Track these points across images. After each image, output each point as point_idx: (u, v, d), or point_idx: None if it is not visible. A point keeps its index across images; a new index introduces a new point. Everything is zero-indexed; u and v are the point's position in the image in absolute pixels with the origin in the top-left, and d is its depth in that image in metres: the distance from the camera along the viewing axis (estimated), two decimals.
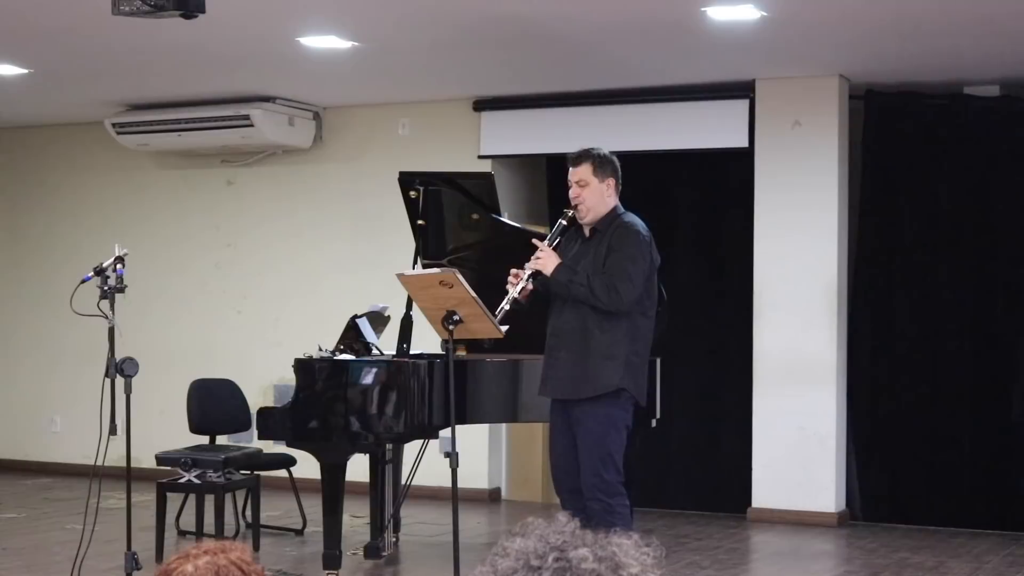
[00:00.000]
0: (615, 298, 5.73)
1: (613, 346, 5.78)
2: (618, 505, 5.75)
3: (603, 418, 5.78)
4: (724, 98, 8.95)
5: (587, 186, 5.89)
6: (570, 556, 1.57)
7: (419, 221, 7.08)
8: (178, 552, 2.00)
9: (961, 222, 8.87)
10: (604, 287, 5.73)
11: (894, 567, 7.40)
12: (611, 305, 5.74)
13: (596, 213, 5.90)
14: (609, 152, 6.02)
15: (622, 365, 5.79)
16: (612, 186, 5.93)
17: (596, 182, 5.89)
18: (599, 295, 5.73)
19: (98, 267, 6.14)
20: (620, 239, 5.83)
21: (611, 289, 5.73)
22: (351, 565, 7.12)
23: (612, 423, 5.80)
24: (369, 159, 9.94)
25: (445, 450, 6.31)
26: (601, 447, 5.77)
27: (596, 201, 5.89)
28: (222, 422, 8.17)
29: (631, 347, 5.83)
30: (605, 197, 5.90)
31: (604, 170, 5.92)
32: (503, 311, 5.82)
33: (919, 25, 7.28)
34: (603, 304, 5.74)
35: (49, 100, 9.97)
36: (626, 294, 5.73)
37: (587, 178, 5.89)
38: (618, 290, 5.72)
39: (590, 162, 5.92)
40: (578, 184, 5.90)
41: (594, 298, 5.75)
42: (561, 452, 5.91)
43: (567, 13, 7.12)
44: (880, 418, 9.05)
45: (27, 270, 11.19)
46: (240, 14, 7.11)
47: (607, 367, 5.77)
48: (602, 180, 5.90)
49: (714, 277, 9.54)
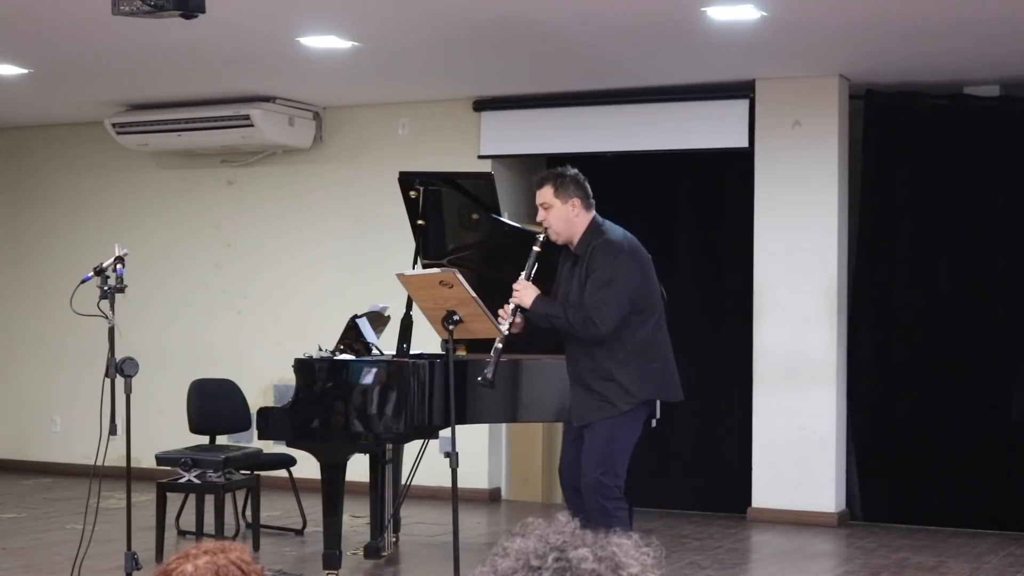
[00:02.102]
0: (592, 329, 5.72)
1: (621, 366, 5.79)
2: (615, 509, 5.74)
3: (613, 426, 5.80)
4: (724, 98, 8.95)
5: (551, 208, 5.86)
6: (570, 556, 1.57)
7: (419, 221, 7.07)
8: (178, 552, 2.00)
9: (961, 222, 8.87)
10: (581, 320, 5.72)
11: (894, 567, 7.40)
12: (589, 336, 5.75)
13: (567, 234, 5.88)
14: (573, 171, 5.96)
15: (637, 379, 5.80)
16: (578, 205, 5.87)
17: (559, 203, 5.85)
18: (577, 328, 5.75)
19: (98, 267, 6.14)
20: (593, 262, 5.80)
21: (587, 321, 5.72)
22: (351, 565, 7.12)
23: (628, 430, 5.83)
24: (369, 159, 9.94)
25: (445, 450, 6.31)
26: (605, 450, 5.78)
27: (562, 224, 5.86)
28: (222, 422, 8.17)
29: (643, 360, 5.83)
30: (572, 217, 5.86)
31: (566, 190, 5.86)
32: (497, 351, 5.84)
33: (919, 25, 7.28)
34: (580, 334, 5.76)
35: (49, 100, 9.97)
36: (603, 323, 5.71)
37: (549, 200, 5.87)
38: (594, 321, 5.70)
39: (550, 184, 5.88)
40: (542, 207, 5.89)
41: (572, 329, 5.77)
42: (572, 460, 5.93)
43: (567, 13, 7.12)
44: (880, 418, 9.05)
45: (27, 270, 11.19)
46: (240, 14, 7.11)
47: (620, 387, 5.78)
48: (565, 201, 5.85)
49: (714, 277, 9.55)
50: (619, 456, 5.80)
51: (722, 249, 9.54)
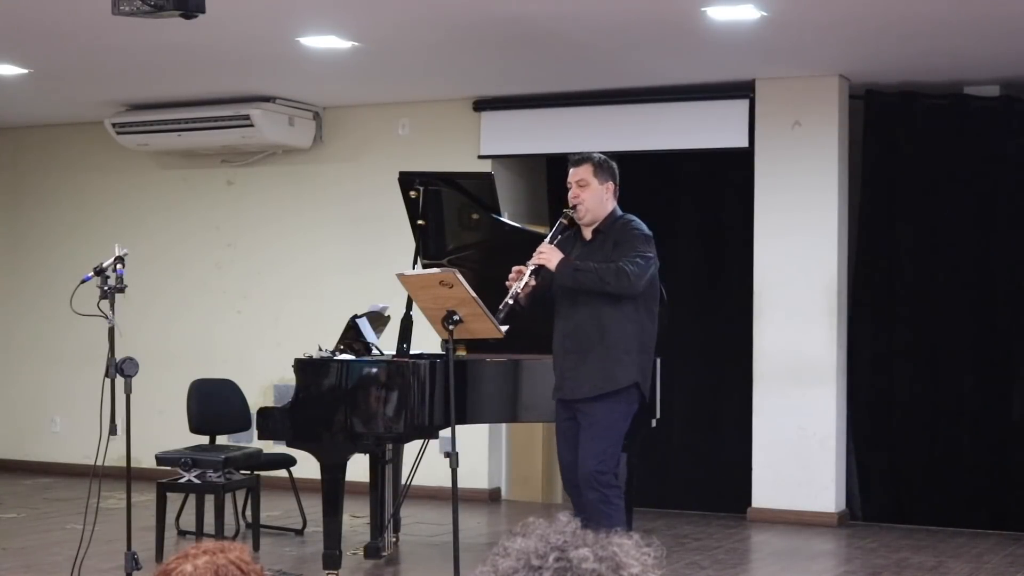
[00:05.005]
0: (624, 280, 5.72)
1: (628, 341, 5.84)
2: (613, 496, 5.82)
3: (612, 411, 5.84)
4: (724, 98, 8.95)
5: (587, 187, 5.95)
6: (571, 556, 1.57)
7: (419, 221, 7.08)
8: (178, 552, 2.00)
9: (961, 222, 8.87)
10: (612, 271, 5.74)
11: (894, 567, 7.40)
12: (620, 287, 5.73)
13: (595, 215, 5.96)
14: (609, 159, 6.09)
15: (636, 361, 5.86)
16: (611, 190, 6.00)
17: (596, 183, 5.96)
18: (608, 279, 5.73)
19: (98, 267, 6.14)
20: (625, 234, 5.90)
21: (619, 272, 5.72)
22: (351, 565, 7.12)
23: (620, 416, 5.87)
24: (369, 159, 9.94)
25: (445, 450, 6.31)
26: (604, 439, 5.83)
27: (595, 203, 5.95)
28: (222, 422, 8.17)
29: (641, 343, 5.90)
30: (604, 200, 5.97)
31: (604, 173, 5.99)
32: (507, 306, 5.79)
33: (919, 25, 7.28)
34: (612, 287, 5.73)
35: (49, 100, 9.97)
36: (635, 276, 5.73)
37: (588, 179, 5.96)
38: (627, 272, 5.72)
39: (591, 164, 6.00)
40: (578, 184, 5.96)
41: (603, 283, 5.74)
42: (571, 461, 5.95)
43: (567, 13, 7.12)
44: (880, 418, 9.05)
45: (27, 270, 11.19)
46: (240, 14, 7.11)
47: (624, 362, 5.84)
48: (602, 183, 5.97)
49: (714, 277, 9.55)
50: (615, 447, 5.87)
51: (722, 249, 9.54)
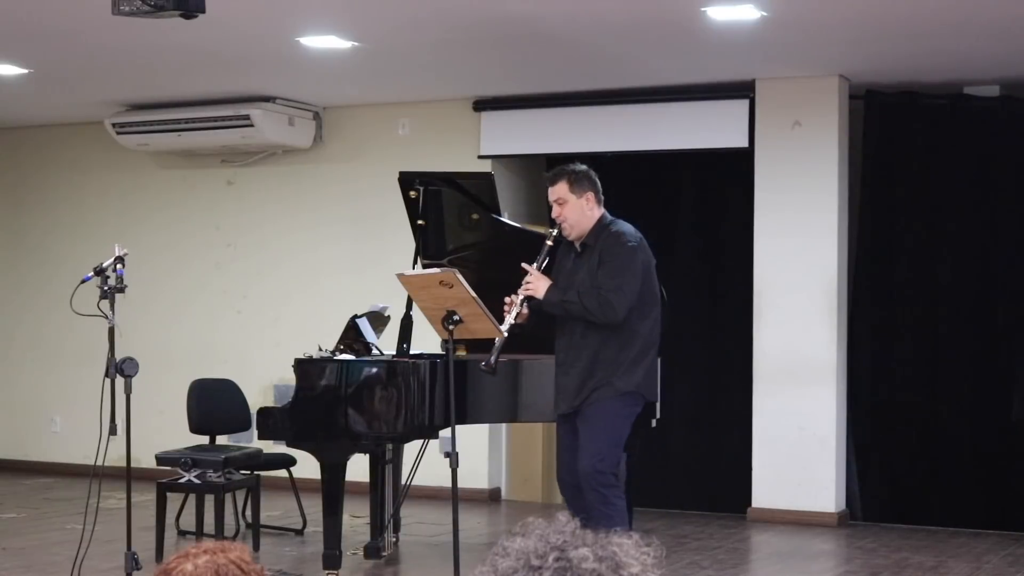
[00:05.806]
0: (608, 311, 5.81)
1: (626, 351, 5.87)
2: (613, 496, 5.83)
3: (612, 412, 5.86)
4: (724, 98, 8.95)
5: (566, 203, 5.98)
6: (571, 556, 1.57)
7: (419, 221, 7.08)
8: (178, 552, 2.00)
9: (961, 222, 8.87)
10: (596, 302, 5.82)
11: (894, 567, 7.40)
12: (605, 318, 5.83)
13: (580, 229, 6.00)
14: (584, 167, 6.09)
15: (637, 368, 5.88)
16: (592, 200, 6.00)
17: (574, 198, 5.98)
18: (592, 310, 5.83)
19: (98, 267, 6.14)
20: (609, 250, 5.92)
21: (605, 305, 5.81)
22: (351, 565, 7.12)
23: (621, 417, 5.89)
24: (369, 159, 9.94)
25: (445, 450, 6.31)
26: (604, 439, 5.84)
27: (577, 217, 5.98)
28: (222, 422, 8.17)
29: (641, 349, 5.91)
30: (586, 212, 5.98)
31: (580, 185, 5.99)
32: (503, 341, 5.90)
33: (919, 25, 7.28)
34: (597, 318, 5.84)
35: (49, 100, 9.97)
36: (619, 305, 5.81)
37: (564, 195, 5.98)
38: (611, 303, 5.81)
39: (565, 179, 6.01)
40: (557, 203, 5.99)
41: (588, 313, 5.85)
42: (569, 462, 5.96)
43: (567, 13, 7.12)
44: (880, 418, 9.05)
45: (27, 270, 11.18)
46: (240, 14, 7.11)
47: (623, 372, 5.87)
48: (580, 195, 5.98)
49: (714, 277, 9.55)
50: (614, 447, 5.88)
51: (722, 249, 9.54)
